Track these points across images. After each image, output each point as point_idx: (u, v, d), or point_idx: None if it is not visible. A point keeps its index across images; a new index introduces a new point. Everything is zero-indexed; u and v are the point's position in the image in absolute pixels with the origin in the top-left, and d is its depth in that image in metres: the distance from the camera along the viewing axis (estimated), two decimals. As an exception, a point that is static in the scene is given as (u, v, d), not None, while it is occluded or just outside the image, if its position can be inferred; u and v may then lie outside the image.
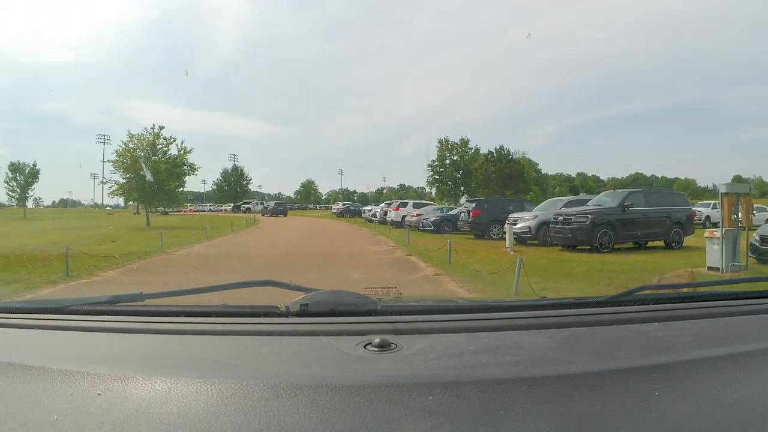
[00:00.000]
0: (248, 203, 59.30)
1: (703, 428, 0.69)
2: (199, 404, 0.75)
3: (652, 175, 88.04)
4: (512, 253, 12.12)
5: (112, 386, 0.80)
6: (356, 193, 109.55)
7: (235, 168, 75.92)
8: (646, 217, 13.55)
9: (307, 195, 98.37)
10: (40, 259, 9.38)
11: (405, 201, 31.26)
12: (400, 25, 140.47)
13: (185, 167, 29.24)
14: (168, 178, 28.27)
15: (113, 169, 28.32)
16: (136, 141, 28.01)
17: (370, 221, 31.76)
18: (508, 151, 55.03)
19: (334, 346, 0.95)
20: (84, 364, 0.89)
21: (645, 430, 0.68)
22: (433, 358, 0.89)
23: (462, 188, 55.29)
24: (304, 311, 1.13)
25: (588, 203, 14.87)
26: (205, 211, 63.95)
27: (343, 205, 49.81)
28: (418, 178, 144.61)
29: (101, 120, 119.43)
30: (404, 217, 25.22)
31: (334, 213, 46.39)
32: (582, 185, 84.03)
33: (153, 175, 26.97)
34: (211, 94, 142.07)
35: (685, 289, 1.47)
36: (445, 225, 21.35)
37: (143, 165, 26.90)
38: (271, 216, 43.99)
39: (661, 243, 13.72)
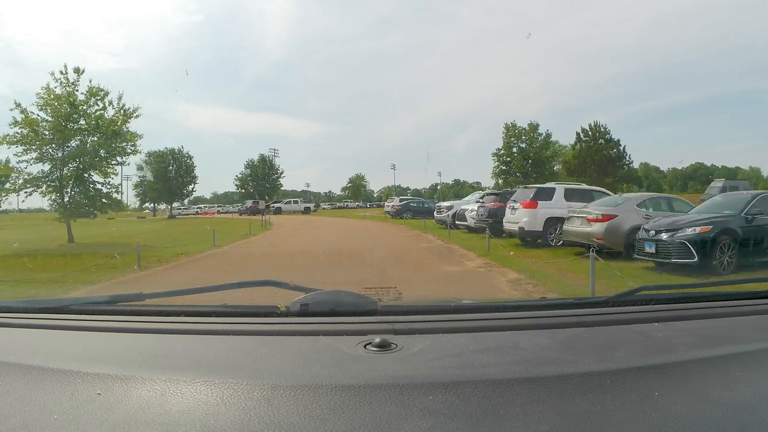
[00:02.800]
0: (278, 203, 50.57)
1: (703, 428, 0.69)
2: (199, 404, 0.75)
3: (713, 165, 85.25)
4: None
5: (112, 386, 0.80)
6: (410, 189, 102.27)
7: (263, 159, 61.51)
8: None
9: (357, 191, 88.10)
10: None
11: (546, 186, 13.45)
12: (447, 20, 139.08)
13: (119, 137, 16.47)
14: (92, 160, 16.33)
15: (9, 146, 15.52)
16: (46, 99, 15.55)
17: (454, 227, 16.88)
18: (605, 129, 42.18)
19: (334, 346, 0.95)
20: (84, 364, 0.89)
21: (645, 430, 0.68)
22: (433, 358, 0.89)
23: (533, 179, 45.12)
24: (305, 311, 1.13)
25: None
26: (234, 212, 55.46)
27: (401, 201, 33.21)
28: (472, 173, 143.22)
29: (151, 125, 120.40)
30: (555, 222, 11.43)
31: (388, 213, 31.97)
32: (645, 176, 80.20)
33: (78, 152, 15.94)
34: (261, 95, 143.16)
35: (684, 290, 1.46)
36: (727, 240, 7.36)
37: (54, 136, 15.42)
38: (249, 215, 35.45)
39: None
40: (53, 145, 16.08)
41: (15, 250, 13.88)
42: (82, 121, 16.39)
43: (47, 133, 15.87)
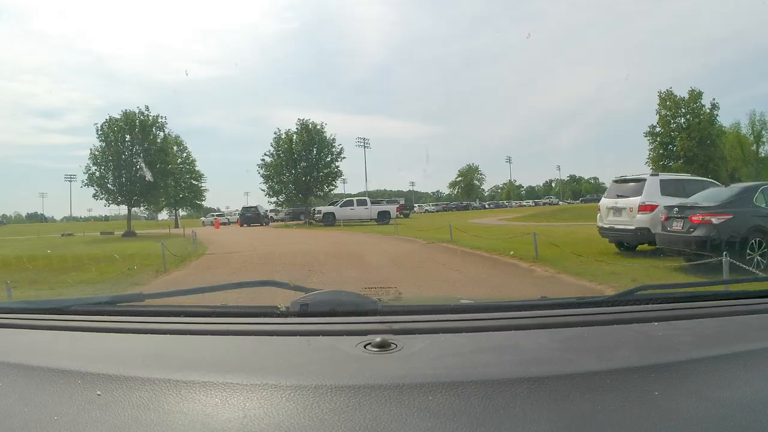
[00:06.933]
0: (335, 203, 30.52)
1: (703, 428, 0.69)
2: (199, 404, 0.75)
3: None
4: None
5: (112, 387, 0.80)
6: (523, 187, 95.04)
7: (305, 127, 34.10)
8: None
9: (469, 188, 72.78)
10: None
11: None
12: (540, 16, 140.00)
13: None
14: None
15: None
16: None
17: None
18: None
19: (334, 346, 0.95)
20: (84, 364, 0.89)
21: (645, 430, 0.68)
22: (433, 358, 0.89)
23: (700, 164, 30.93)
24: (305, 311, 1.13)
25: None
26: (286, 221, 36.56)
27: (716, 186, 8.84)
28: (580, 169, 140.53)
29: (250, 130, 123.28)
30: None
31: (625, 233, 9.11)
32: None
33: None
34: (361, 98, 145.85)
35: (685, 289, 1.46)
36: None
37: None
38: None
39: None
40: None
41: None
42: None
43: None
